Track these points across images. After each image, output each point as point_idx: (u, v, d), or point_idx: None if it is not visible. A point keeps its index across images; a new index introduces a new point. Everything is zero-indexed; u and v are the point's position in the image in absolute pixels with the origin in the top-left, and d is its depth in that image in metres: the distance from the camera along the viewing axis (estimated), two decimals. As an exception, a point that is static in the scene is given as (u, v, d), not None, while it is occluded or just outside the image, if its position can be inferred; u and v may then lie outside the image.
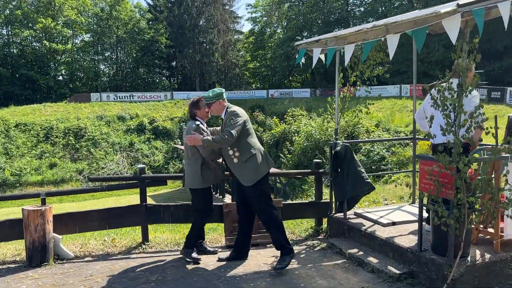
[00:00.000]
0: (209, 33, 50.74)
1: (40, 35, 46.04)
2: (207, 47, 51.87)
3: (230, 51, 54.16)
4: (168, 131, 35.66)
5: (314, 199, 5.34)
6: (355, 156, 4.78)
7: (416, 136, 5.33)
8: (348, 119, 4.94)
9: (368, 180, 4.69)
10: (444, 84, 3.48)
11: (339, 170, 4.78)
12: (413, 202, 5.45)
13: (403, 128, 23.37)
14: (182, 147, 29.32)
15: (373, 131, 20.34)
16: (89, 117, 35.37)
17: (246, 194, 4.15)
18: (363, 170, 4.73)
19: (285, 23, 51.27)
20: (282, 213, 4.78)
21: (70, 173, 29.84)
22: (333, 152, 4.78)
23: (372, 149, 17.12)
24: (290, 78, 53.40)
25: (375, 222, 4.65)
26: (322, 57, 4.93)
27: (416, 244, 3.90)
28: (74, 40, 50.06)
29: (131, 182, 4.89)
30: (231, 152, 4.07)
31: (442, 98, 3.40)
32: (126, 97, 41.32)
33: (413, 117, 5.29)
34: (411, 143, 19.43)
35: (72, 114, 35.48)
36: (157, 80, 53.08)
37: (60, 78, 49.18)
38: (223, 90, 4.18)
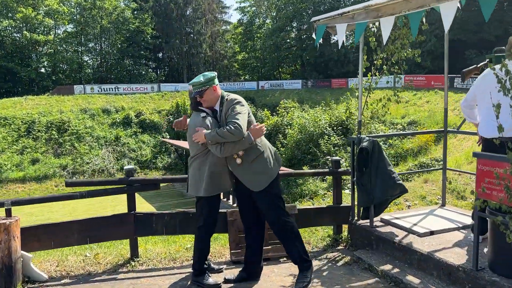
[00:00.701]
0: (197, 24, 49.50)
1: (21, 25, 44.05)
2: (195, 37, 50.64)
3: (218, 42, 53.09)
4: (155, 124, 34.53)
5: (332, 203, 4.61)
6: (384, 153, 4.05)
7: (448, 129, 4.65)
8: (372, 109, 4.33)
9: (400, 182, 3.97)
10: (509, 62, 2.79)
11: (363, 169, 4.06)
12: (443, 205, 4.77)
13: (399, 119, 22.89)
14: (171, 141, 28.28)
15: (368, 123, 19.73)
16: (73, 110, 33.98)
17: (253, 199, 3.41)
18: (393, 169, 4.01)
19: (275, 13, 50.25)
20: (295, 221, 4.02)
21: (54, 168, 28.61)
22: (356, 148, 4.06)
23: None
24: (280, 69, 52.53)
25: (409, 231, 3.94)
26: (341, 37, 4.15)
27: (468, 261, 3.22)
28: (56, 30, 48.12)
29: (117, 186, 4.07)
30: None
31: (511, 81, 2.69)
32: (111, 89, 39.82)
33: (445, 107, 4.59)
34: (410, 136, 18.62)
35: (54, 107, 34.03)
36: (143, 72, 51.48)
37: (42, 70, 47.25)
38: (215, 73, 3.36)
